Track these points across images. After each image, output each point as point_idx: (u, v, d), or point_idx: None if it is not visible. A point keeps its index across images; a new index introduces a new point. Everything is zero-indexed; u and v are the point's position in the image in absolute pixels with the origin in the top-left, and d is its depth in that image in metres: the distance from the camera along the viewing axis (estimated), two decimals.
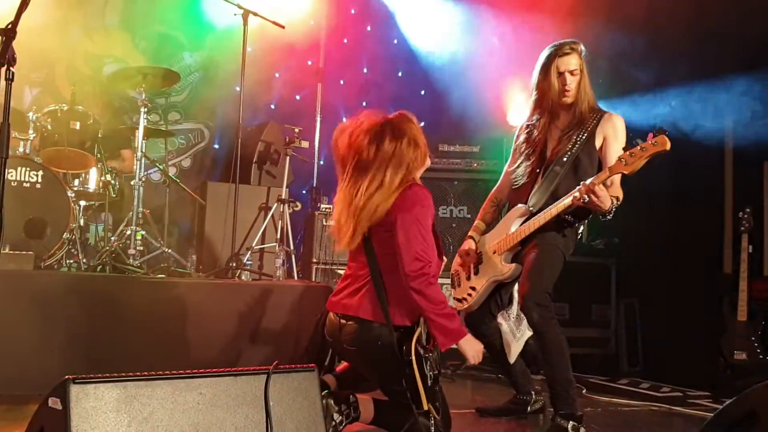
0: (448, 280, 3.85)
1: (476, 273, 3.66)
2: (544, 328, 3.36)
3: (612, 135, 3.46)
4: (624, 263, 5.73)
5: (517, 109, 6.40)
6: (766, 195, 5.36)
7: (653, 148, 3.10)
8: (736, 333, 4.71)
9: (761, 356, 4.59)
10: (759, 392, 2.31)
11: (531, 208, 3.48)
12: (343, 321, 2.80)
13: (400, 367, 2.65)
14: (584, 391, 4.59)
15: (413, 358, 2.62)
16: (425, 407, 2.64)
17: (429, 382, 2.68)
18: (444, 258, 2.99)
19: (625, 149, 3.15)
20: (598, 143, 3.47)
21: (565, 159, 3.44)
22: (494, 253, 3.59)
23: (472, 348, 2.84)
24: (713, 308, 5.05)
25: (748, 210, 4.81)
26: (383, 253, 2.77)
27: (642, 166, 3.13)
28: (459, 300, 3.73)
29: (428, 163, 2.85)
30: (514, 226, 3.53)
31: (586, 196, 3.16)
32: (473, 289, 3.65)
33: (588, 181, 3.18)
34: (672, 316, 5.56)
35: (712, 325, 4.98)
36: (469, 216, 5.77)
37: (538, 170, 3.54)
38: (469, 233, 3.75)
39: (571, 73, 3.45)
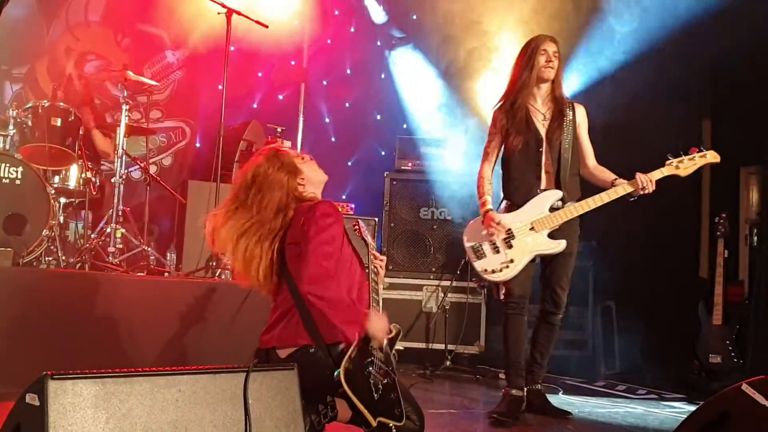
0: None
1: (509, 247, 3.82)
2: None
3: (584, 123, 4.02)
4: (602, 266, 5.78)
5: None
6: (743, 200, 5.45)
7: (705, 160, 3.88)
8: (712, 336, 4.78)
9: (735, 359, 4.66)
10: (731, 394, 2.36)
11: (563, 193, 3.87)
12: (278, 353, 2.71)
13: (335, 389, 2.56)
14: (561, 393, 4.64)
15: (342, 380, 2.50)
16: (373, 424, 2.56)
17: (376, 394, 2.59)
18: (366, 269, 2.98)
19: (674, 156, 3.85)
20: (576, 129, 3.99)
21: (567, 146, 3.91)
22: (531, 229, 3.82)
23: (380, 328, 2.73)
24: (689, 312, 5.12)
25: (723, 215, 4.89)
26: (298, 273, 2.74)
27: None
28: (492, 271, 3.83)
29: (321, 178, 2.99)
30: (547, 207, 3.85)
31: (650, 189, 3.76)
32: (512, 261, 3.82)
33: (652, 178, 3.78)
34: (648, 319, 5.62)
35: (688, 328, 5.04)
36: (449, 218, 5.81)
37: (539, 150, 3.89)
38: (489, 207, 3.90)
39: (554, 54, 3.90)
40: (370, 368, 2.62)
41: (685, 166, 3.86)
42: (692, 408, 4.27)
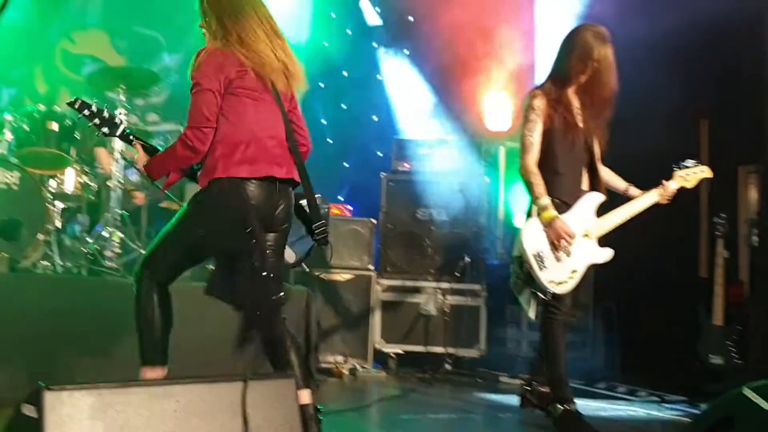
0: None
1: (569, 255, 3.60)
2: None
3: None
4: (602, 267, 5.76)
5: (494, 113, 6.45)
6: (741, 200, 5.43)
7: (704, 174, 4.01)
8: (712, 337, 4.76)
9: (737, 360, 4.65)
10: (734, 398, 2.34)
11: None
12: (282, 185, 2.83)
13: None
14: None
15: None
16: None
17: None
18: None
19: (678, 167, 3.93)
20: None
21: (597, 155, 3.78)
22: (585, 236, 3.66)
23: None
24: (690, 312, 5.10)
25: (723, 215, 4.87)
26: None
27: None
28: (559, 282, 3.59)
29: None
30: (594, 211, 3.70)
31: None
32: (574, 271, 3.62)
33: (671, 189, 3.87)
34: (649, 320, 5.61)
35: (689, 329, 5.02)
36: (446, 219, 5.77)
37: (582, 148, 3.73)
38: (554, 212, 3.57)
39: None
40: None
41: (691, 179, 3.93)
42: (694, 410, 4.27)
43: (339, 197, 6.93)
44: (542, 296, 3.59)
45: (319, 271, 5.43)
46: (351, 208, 5.91)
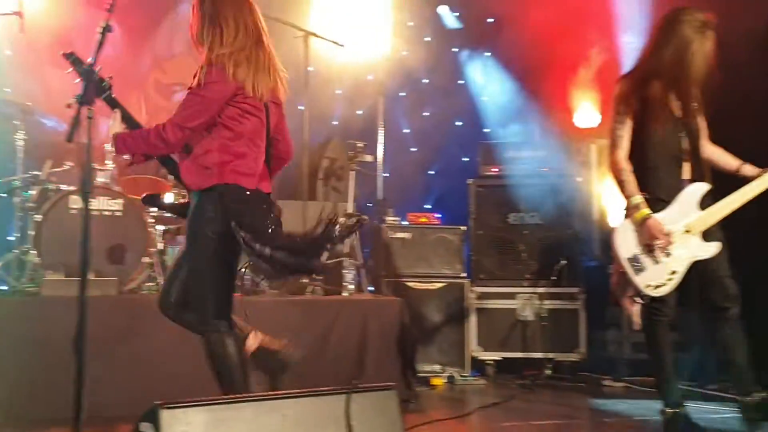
0: None
1: (667, 255, 3.45)
2: None
3: None
4: None
5: (582, 110, 6.29)
6: None
7: None
8: None
9: None
10: None
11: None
12: None
13: None
14: None
15: None
16: None
17: None
18: None
19: None
20: None
21: (700, 142, 3.56)
22: (687, 232, 3.47)
23: None
24: None
25: None
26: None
27: None
28: (656, 286, 3.44)
29: None
30: (696, 204, 3.48)
31: None
32: (674, 272, 3.46)
33: None
34: (760, 316, 5.31)
35: None
36: (540, 222, 5.66)
37: (679, 135, 3.51)
38: (647, 211, 3.42)
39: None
40: None
41: None
42: None
43: (426, 206, 6.92)
44: (640, 300, 3.45)
45: (411, 281, 5.43)
46: (439, 215, 5.89)
